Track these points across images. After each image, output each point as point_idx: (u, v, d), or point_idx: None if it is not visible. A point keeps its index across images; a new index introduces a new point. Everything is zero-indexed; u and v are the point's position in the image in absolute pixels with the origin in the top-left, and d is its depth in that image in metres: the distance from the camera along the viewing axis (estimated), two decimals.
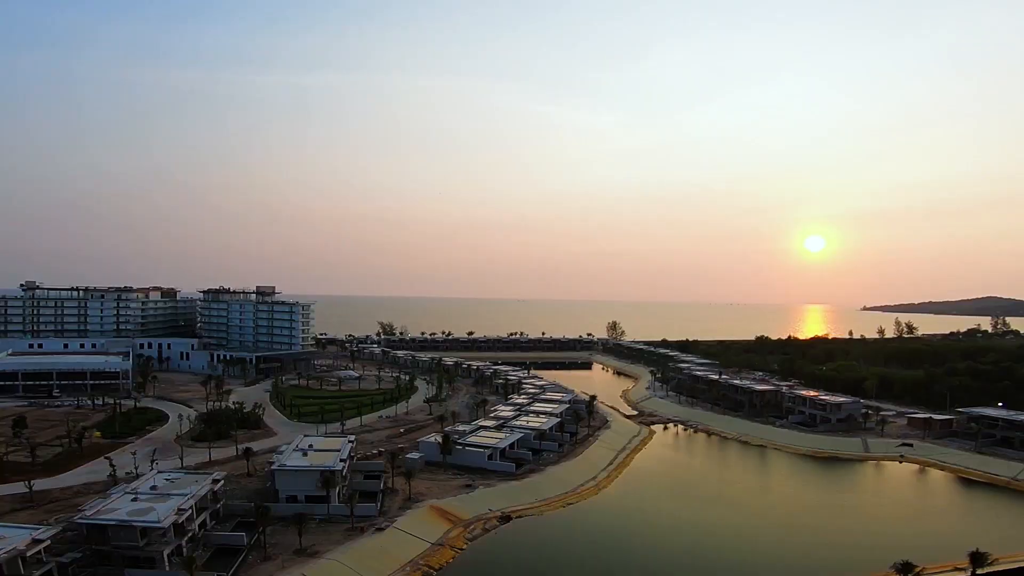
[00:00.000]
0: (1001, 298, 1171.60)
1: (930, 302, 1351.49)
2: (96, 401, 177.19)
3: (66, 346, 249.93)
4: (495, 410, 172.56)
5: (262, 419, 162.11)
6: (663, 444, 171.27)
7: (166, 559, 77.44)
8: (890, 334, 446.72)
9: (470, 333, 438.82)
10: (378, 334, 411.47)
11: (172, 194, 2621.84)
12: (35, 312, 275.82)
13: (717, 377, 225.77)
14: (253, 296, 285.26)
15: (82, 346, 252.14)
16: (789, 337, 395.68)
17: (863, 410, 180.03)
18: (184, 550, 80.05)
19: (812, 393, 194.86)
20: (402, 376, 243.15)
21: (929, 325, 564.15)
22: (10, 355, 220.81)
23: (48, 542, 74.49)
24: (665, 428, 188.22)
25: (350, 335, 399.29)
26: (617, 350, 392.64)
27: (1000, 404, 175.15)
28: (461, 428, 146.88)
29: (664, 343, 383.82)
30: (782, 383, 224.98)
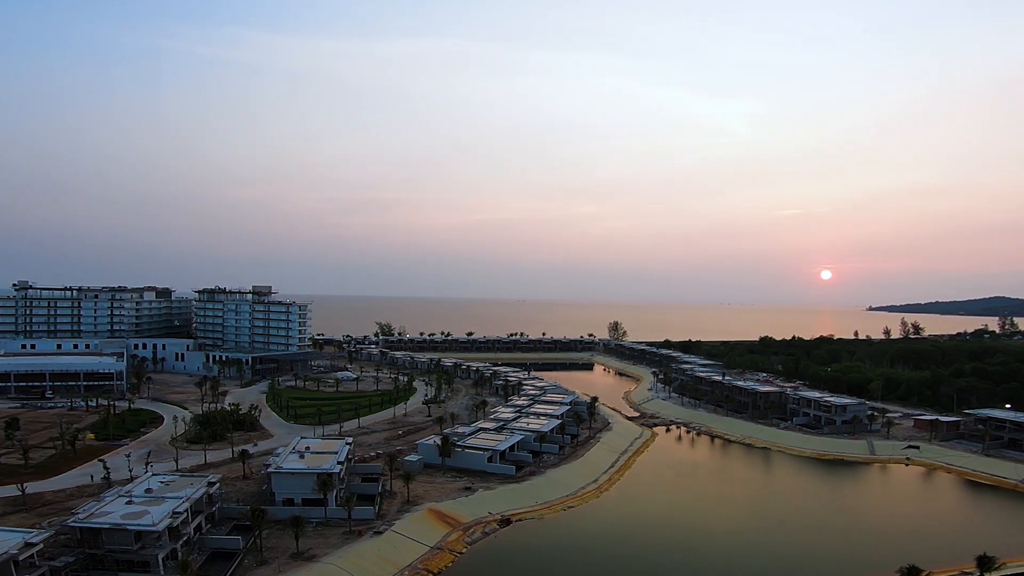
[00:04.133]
0: (1009, 298, 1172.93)
1: (936, 302, 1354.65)
2: (90, 402, 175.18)
3: (59, 347, 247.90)
4: (495, 412, 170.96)
5: (258, 421, 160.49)
6: (665, 446, 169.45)
7: (161, 563, 76.41)
8: (896, 335, 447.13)
9: (469, 334, 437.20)
10: (376, 335, 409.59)
11: (167, 191, 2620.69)
12: (28, 312, 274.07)
13: (720, 378, 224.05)
14: (249, 296, 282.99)
15: (75, 347, 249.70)
16: (793, 337, 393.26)
17: (868, 412, 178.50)
18: (179, 554, 79.09)
19: (817, 394, 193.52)
20: (400, 377, 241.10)
21: (936, 325, 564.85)
22: (2, 356, 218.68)
23: (41, 546, 73.41)
24: (667, 430, 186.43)
25: (348, 336, 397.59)
26: (619, 351, 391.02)
27: (1008, 406, 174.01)
28: (460, 430, 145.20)
29: (667, 344, 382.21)
30: (786, 384, 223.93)
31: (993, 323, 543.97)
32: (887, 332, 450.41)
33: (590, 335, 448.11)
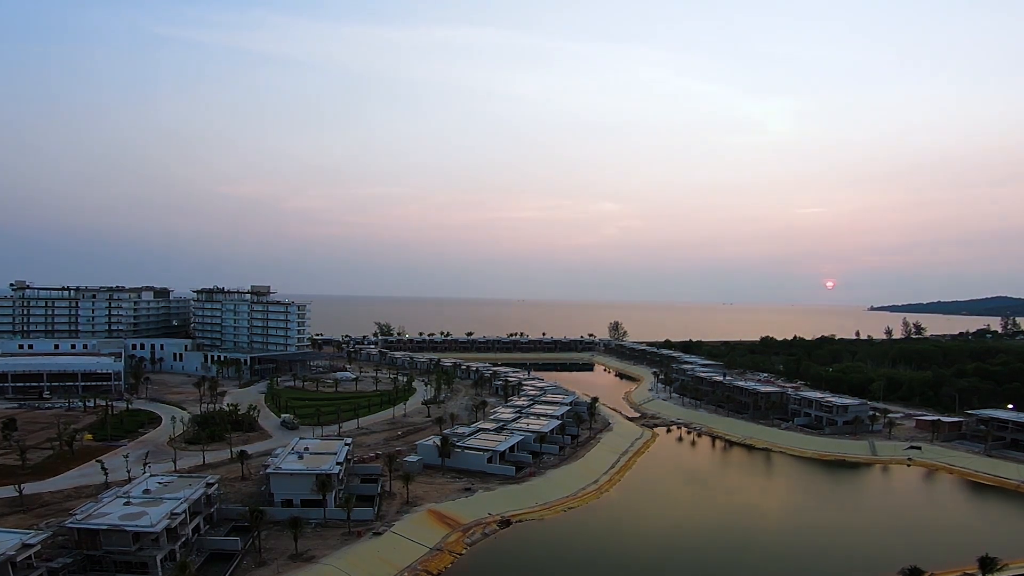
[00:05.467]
0: (1011, 298, 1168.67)
1: (939, 302, 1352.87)
2: (87, 403, 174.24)
3: (57, 347, 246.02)
4: (495, 412, 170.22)
5: (257, 421, 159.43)
6: (666, 447, 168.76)
7: (159, 564, 75.89)
8: (898, 334, 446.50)
9: (469, 334, 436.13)
10: (375, 335, 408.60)
11: (165, 188, 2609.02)
12: (25, 312, 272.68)
13: (721, 378, 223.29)
14: (248, 296, 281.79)
15: (73, 347, 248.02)
16: (795, 338, 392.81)
17: (870, 412, 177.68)
18: (177, 555, 78.76)
19: (818, 395, 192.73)
20: (400, 377, 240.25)
21: (938, 325, 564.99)
22: (0, 356, 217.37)
23: (38, 547, 73.12)
24: (668, 430, 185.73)
25: (347, 336, 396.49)
26: (619, 351, 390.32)
27: (1010, 406, 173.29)
28: (460, 431, 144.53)
29: (667, 344, 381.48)
30: (787, 384, 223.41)
31: (995, 323, 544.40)
32: (889, 332, 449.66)
33: (590, 335, 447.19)
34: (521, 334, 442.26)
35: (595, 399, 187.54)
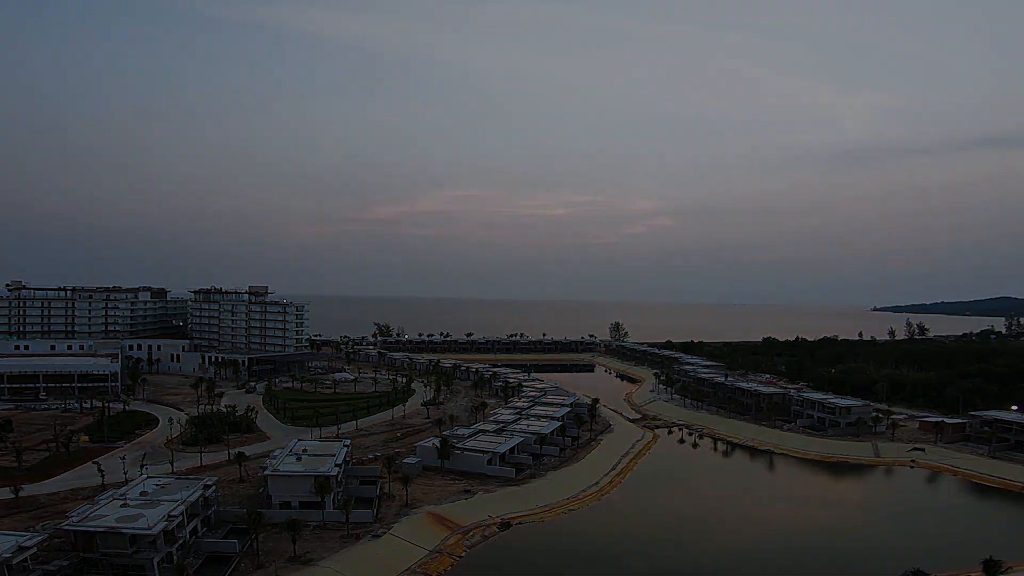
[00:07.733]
0: (1015, 298, 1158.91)
1: (942, 302, 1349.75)
2: (84, 404, 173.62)
3: (53, 347, 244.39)
4: (495, 414, 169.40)
5: (255, 423, 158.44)
6: (667, 448, 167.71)
7: (156, 567, 75.09)
8: (901, 335, 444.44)
9: (469, 334, 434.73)
10: (374, 335, 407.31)
11: (162, 189, 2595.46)
12: (21, 313, 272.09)
13: (723, 379, 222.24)
14: (245, 296, 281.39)
15: (69, 348, 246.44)
16: (797, 338, 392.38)
17: (873, 413, 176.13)
18: (174, 558, 78.11)
19: (821, 396, 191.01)
20: (399, 378, 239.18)
21: (941, 326, 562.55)
22: None
23: (34, 549, 72.75)
24: (669, 432, 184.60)
25: (345, 336, 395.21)
26: (620, 352, 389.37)
27: (1015, 408, 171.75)
28: (460, 432, 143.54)
29: (668, 344, 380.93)
30: (790, 386, 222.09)
31: (999, 323, 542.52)
32: (892, 333, 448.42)
33: (591, 336, 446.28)
34: (521, 335, 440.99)
35: (595, 400, 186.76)
